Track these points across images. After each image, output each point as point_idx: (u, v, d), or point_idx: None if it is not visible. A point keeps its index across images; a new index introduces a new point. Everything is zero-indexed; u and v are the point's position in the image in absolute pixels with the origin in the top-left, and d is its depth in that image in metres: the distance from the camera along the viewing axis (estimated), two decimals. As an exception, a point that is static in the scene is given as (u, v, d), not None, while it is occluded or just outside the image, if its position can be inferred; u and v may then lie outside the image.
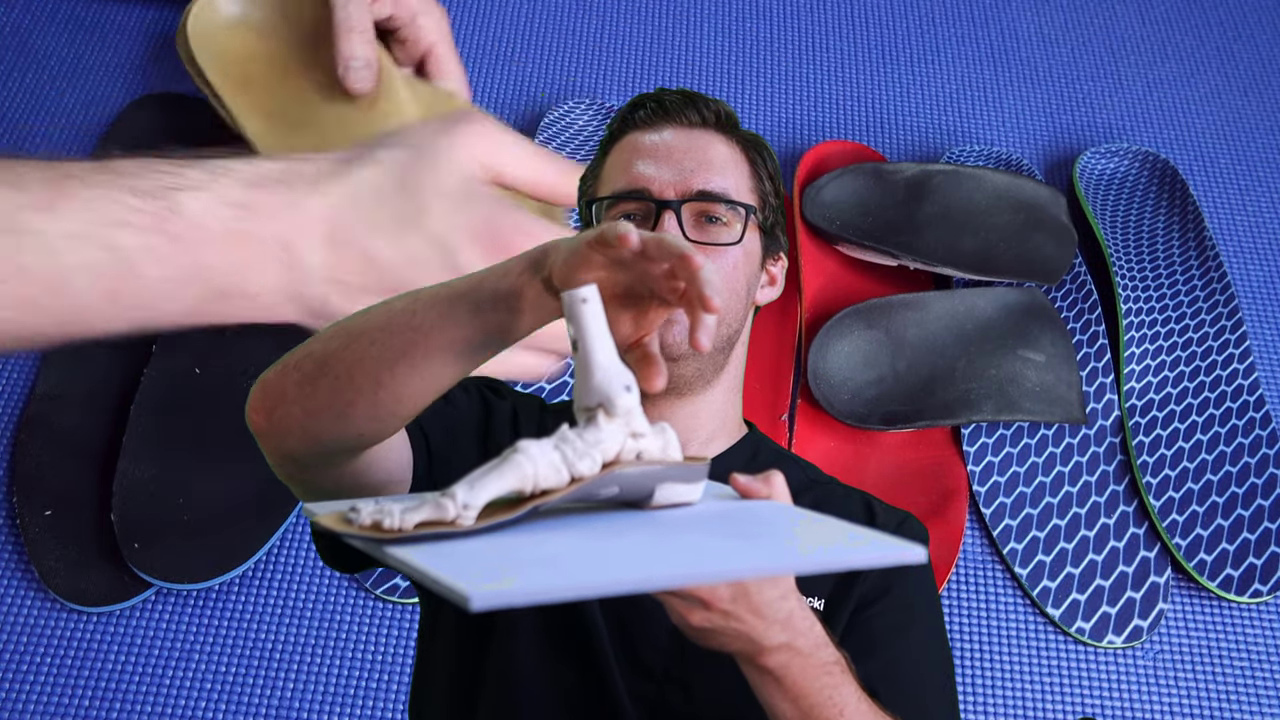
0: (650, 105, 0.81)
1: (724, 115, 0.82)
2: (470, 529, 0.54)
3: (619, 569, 0.50)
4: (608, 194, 0.80)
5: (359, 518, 0.54)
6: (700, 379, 0.79)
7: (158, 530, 1.21)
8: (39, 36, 1.66)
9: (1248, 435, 1.36)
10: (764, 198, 0.82)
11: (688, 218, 0.78)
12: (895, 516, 0.81)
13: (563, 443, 0.56)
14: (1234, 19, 1.84)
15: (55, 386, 1.34)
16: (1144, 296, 1.46)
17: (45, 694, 1.17)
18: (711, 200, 0.78)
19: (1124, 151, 1.61)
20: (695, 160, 0.79)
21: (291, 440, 0.64)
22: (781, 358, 1.41)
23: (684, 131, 0.81)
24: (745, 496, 0.63)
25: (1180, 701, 1.22)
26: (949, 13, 1.81)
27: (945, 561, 1.27)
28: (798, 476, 0.83)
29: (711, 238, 0.78)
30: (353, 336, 0.61)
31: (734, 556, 0.53)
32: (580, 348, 0.58)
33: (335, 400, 0.61)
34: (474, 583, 0.47)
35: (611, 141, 0.83)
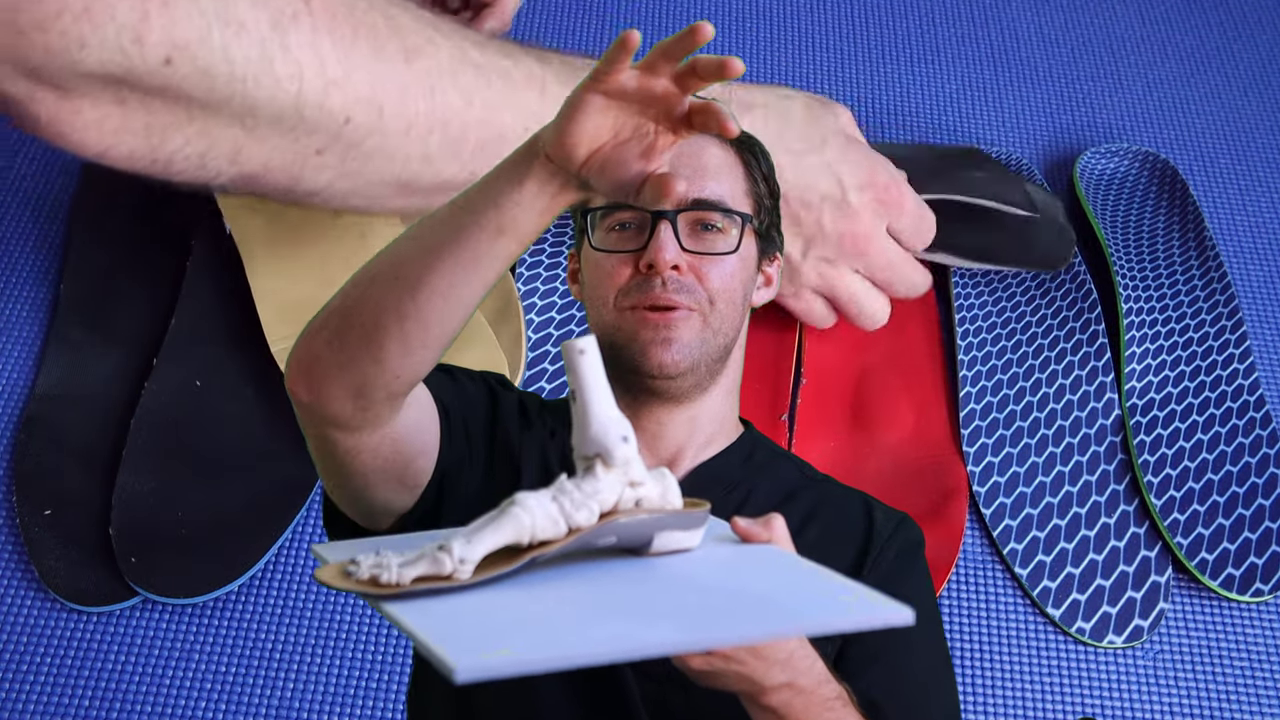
0: None
1: None
2: (466, 583, 0.54)
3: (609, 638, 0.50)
4: (601, 203, 0.79)
5: (358, 571, 0.55)
6: (698, 388, 0.79)
7: (155, 544, 1.21)
8: (39, 37, 1.66)
9: (1248, 435, 1.36)
10: (759, 200, 0.82)
11: (683, 227, 0.77)
12: (893, 518, 0.81)
13: (560, 494, 0.57)
14: (1234, 19, 1.84)
15: (55, 387, 1.34)
16: (1144, 296, 1.46)
17: (45, 694, 1.17)
18: (707, 209, 0.78)
19: (1124, 151, 1.61)
20: (690, 167, 0.78)
21: (334, 402, 0.65)
22: (781, 358, 1.41)
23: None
24: (745, 540, 0.63)
25: (1180, 701, 1.22)
26: (949, 13, 1.81)
27: (945, 561, 1.27)
28: (795, 475, 0.83)
29: (708, 246, 0.78)
30: (370, 281, 0.63)
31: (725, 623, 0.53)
32: (578, 398, 0.59)
33: (368, 346, 0.62)
34: (462, 652, 0.47)
35: None
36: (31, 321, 1.41)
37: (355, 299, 0.64)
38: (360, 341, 0.63)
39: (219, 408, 1.32)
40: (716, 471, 0.80)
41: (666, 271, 0.75)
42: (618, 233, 0.78)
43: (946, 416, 1.39)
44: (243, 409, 1.32)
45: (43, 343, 1.39)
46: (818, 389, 1.39)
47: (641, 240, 0.77)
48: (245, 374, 1.34)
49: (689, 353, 0.76)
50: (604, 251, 0.78)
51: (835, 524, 0.79)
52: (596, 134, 0.59)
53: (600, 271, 0.78)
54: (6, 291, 1.43)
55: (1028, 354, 1.42)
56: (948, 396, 1.40)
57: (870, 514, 0.80)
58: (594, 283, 0.79)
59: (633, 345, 0.76)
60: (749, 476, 0.81)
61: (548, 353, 1.38)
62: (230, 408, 1.32)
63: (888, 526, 0.79)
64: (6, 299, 1.43)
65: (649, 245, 0.76)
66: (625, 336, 0.77)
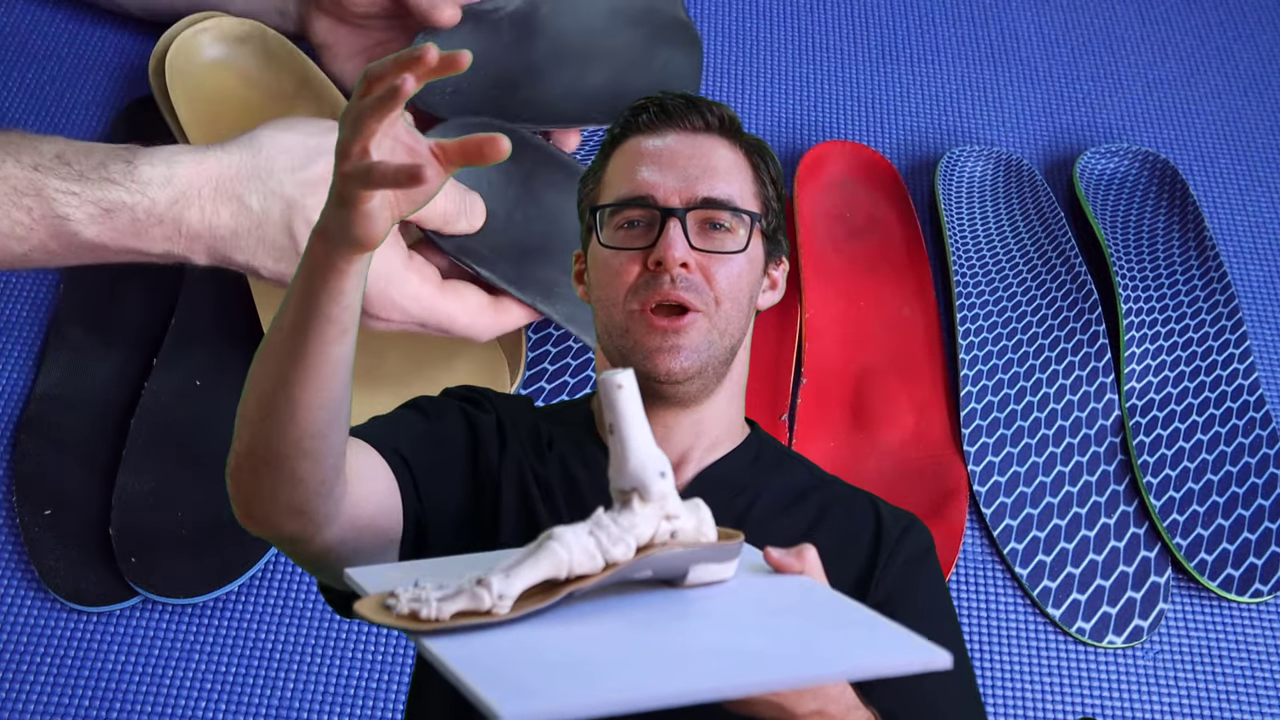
0: (653, 109, 0.81)
1: (727, 120, 0.82)
2: (506, 618, 0.55)
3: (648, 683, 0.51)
4: (611, 200, 0.80)
5: (398, 605, 0.56)
6: (704, 392, 0.79)
7: (155, 545, 1.21)
8: (39, 36, 1.66)
9: (1248, 435, 1.36)
10: (767, 203, 0.82)
11: (692, 225, 0.78)
12: (901, 520, 0.80)
13: (597, 528, 0.58)
14: (1234, 19, 1.84)
15: (55, 387, 1.34)
16: (1144, 296, 1.46)
17: (45, 694, 1.17)
18: (716, 207, 0.78)
19: (1124, 151, 1.61)
20: (699, 166, 0.79)
21: (283, 526, 0.68)
22: (781, 358, 1.41)
23: (687, 136, 0.81)
24: (778, 571, 0.64)
25: (1180, 701, 1.22)
26: (949, 13, 1.81)
27: (945, 561, 1.27)
28: (803, 476, 0.83)
29: (716, 245, 0.78)
30: (251, 424, 0.68)
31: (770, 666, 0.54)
32: (616, 432, 0.60)
33: (281, 475, 0.65)
34: (505, 697, 0.47)
35: (613, 145, 0.83)
36: (31, 321, 1.41)
37: (247, 443, 0.68)
38: (272, 475, 0.66)
39: (219, 408, 1.32)
40: (722, 475, 0.80)
41: (675, 269, 0.76)
42: (626, 230, 0.79)
43: (946, 416, 1.39)
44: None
45: (43, 343, 1.39)
46: (818, 389, 1.39)
47: (650, 237, 0.77)
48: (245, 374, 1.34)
49: (696, 358, 0.76)
50: (612, 249, 0.78)
51: (844, 527, 0.79)
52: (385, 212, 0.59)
53: (608, 269, 0.78)
54: (6, 291, 1.43)
55: (1028, 354, 1.42)
56: (948, 396, 1.40)
57: (879, 516, 0.80)
58: (602, 281, 0.79)
59: (640, 350, 0.76)
60: (756, 479, 0.80)
61: (548, 352, 1.38)
62: (230, 408, 1.30)
63: (896, 528, 0.79)
64: (6, 299, 1.43)
65: (658, 242, 0.76)
66: (633, 340, 0.77)
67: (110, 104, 1.59)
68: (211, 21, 1.44)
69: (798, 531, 0.77)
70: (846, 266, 1.50)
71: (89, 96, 1.59)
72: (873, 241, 1.53)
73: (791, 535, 0.77)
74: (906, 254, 1.51)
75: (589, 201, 0.83)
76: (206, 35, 1.44)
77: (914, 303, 1.47)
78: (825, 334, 1.43)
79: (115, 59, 1.64)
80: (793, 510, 0.79)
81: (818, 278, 1.46)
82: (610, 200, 0.80)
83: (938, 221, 1.55)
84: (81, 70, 1.62)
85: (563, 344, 1.39)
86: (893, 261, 1.51)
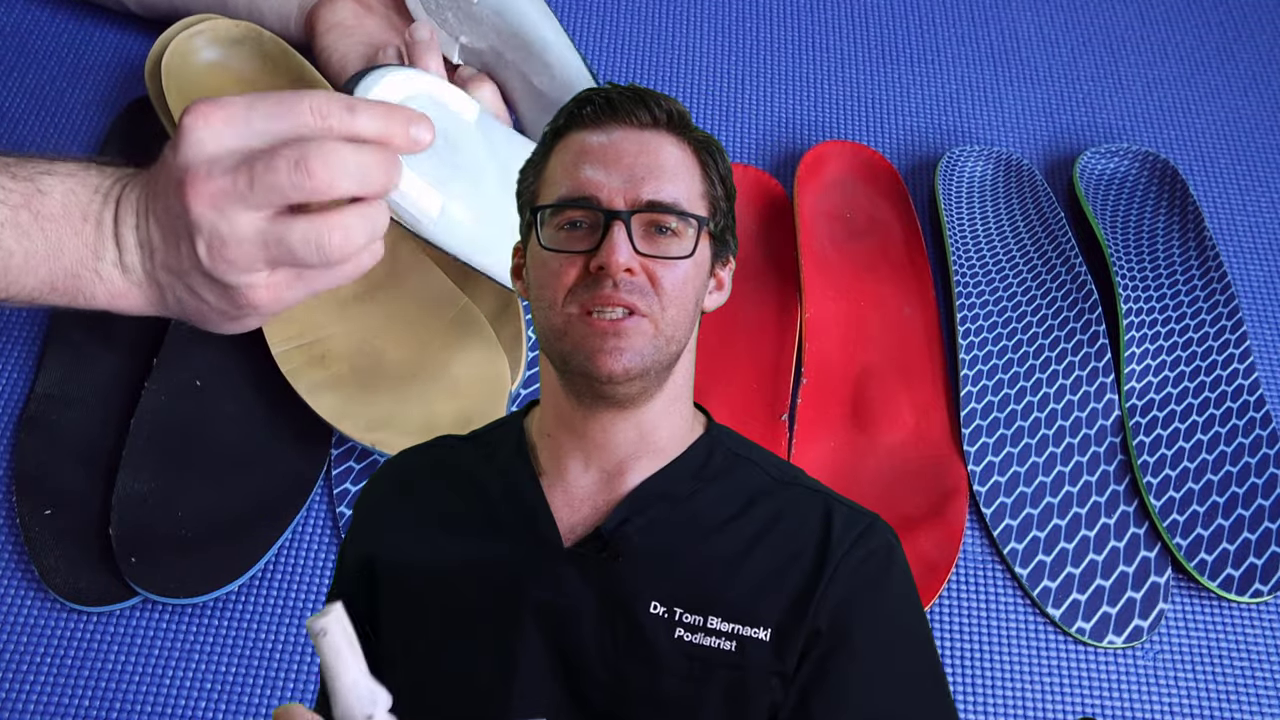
0: (598, 102, 0.78)
1: (676, 115, 0.79)
2: None
3: None
4: (552, 200, 0.77)
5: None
6: (645, 394, 0.77)
7: (155, 544, 1.21)
8: (39, 36, 1.66)
9: (1248, 435, 1.36)
10: (715, 203, 0.79)
11: (637, 229, 0.75)
12: (854, 527, 0.76)
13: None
14: (1234, 19, 1.84)
15: (55, 386, 1.34)
16: (1144, 296, 1.46)
17: (45, 694, 1.17)
18: (663, 211, 0.75)
19: (1124, 151, 1.61)
20: (645, 165, 0.76)
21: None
22: (781, 358, 1.41)
23: (633, 132, 0.77)
24: None
25: (1180, 701, 1.22)
26: (949, 13, 1.81)
27: (945, 561, 1.27)
28: (757, 479, 0.79)
29: (662, 250, 0.75)
30: None
31: None
32: (325, 677, 0.60)
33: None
34: None
35: (555, 138, 0.80)
36: (31, 321, 1.41)
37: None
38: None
39: (219, 408, 1.32)
40: (661, 488, 0.77)
41: (619, 275, 0.73)
42: (567, 232, 0.76)
43: (946, 416, 1.39)
44: (243, 409, 1.32)
45: (43, 343, 1.39)
46: (818, 389, 1.39)
47: (593, 240, 0.74)
48: (245, 374, 1.34)
49: (639, 360, 0.74)
50: (553, 251, 0.75)
51: (787, 540, 0.75)
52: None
53: (547, 271, 0.76)
54: (6, 291, 1.43)
55: (1028, 354, 1.42)
56: (948, 396, 1.40)
57: (829, 524, 0.76)
58: (540, 282, 0.77)
59: (580, 352, 0.74)
60: (699, 489, 0.78)
61: (548, 353, 1.38)
62: (230, 408, 1.32)
63: (847, 537, 0.75)
64: (6, 299, 1.43)
65: (601, 246, 0.73)
66: (572, 342, 0.74)
67: (110, 104, 1.59)
68: (207, 24, 1.44)
69: (735, 549, 0.75)
70: (846, 266, 1.50)
71: (89, 96, 1.59)
72: (873, 241, 1.53)
73: (728, 553, 0.75)
74: (906, 254, 1.52)
75: (529, 198, 0.80)
76: (202, 38, 1.44)
77: (914, 303, 1.47)
78: (825, 334, 1.43)
79: (115, 59, 1.64)
80: (735, 523, 0.76)
81: (818, 277, 1.46)
82: (552, 200, 0.77)
83: (938, 221, 1.55)
84: (81, 70, 1.62)
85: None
86: (893, 261, 1.51)
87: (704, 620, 0.73)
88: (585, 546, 0.76)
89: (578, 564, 0.75)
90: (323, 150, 0.72)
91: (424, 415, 1.27)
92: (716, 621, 0.73)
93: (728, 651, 0.72)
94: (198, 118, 0.71)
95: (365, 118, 0.75)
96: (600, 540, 0.75)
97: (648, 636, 0.73)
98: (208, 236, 0.72)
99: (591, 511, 0.78)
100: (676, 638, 0.72)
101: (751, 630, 0.73)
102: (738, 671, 0.72)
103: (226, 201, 0.71)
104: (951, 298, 1.47)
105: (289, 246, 0.73)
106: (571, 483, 0.79)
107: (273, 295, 0.77)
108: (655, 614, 0.73)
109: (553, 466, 0.80)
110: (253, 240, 0.73)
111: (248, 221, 0.72)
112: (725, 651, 0.72)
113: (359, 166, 0.74)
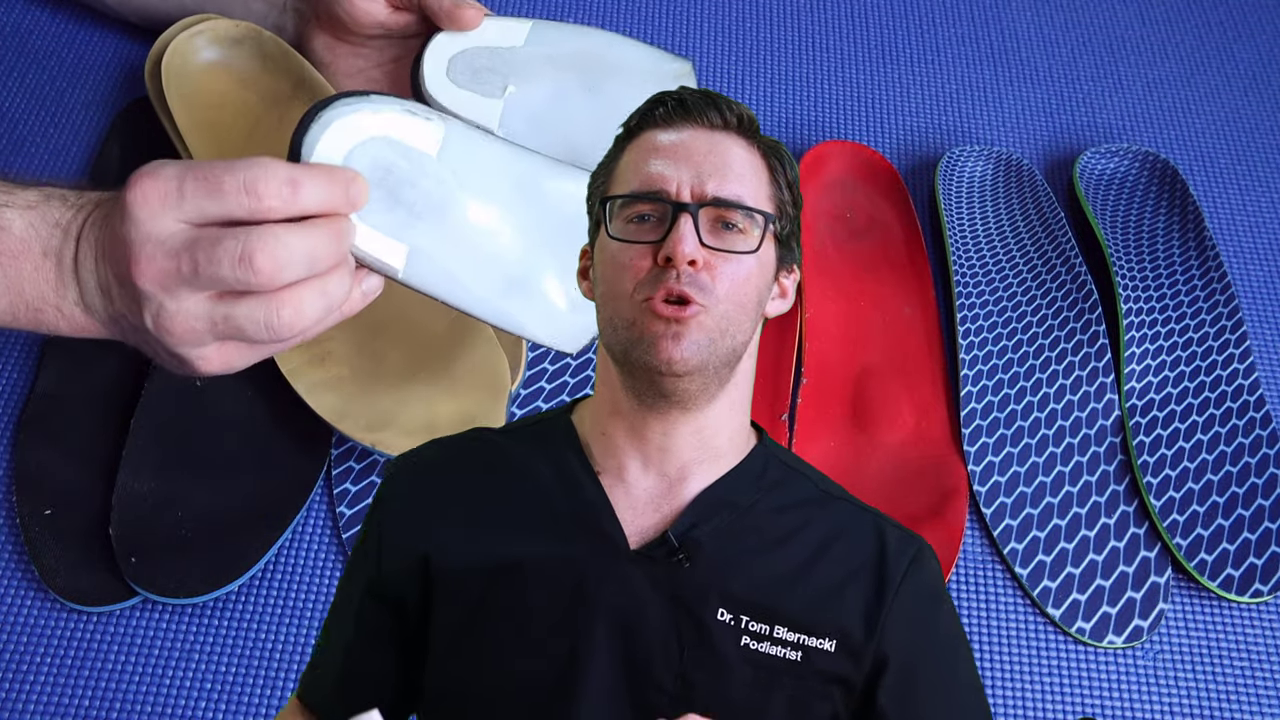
0: (671, 103, 0.79)
1: (746, 119, 0.80)
2: None
3: None
4: (623, 192, 0.77)
5: None
6: (705, 393, 0.76)
7: (155, 544, 1.21)
8: (39, 36, 1.66)
9: (1248, 435, 1.36)
10: (781, 206, 0.80)
11: (704, 223, 0.75)
12: (908, 550, 0.79)
13: None
14: (1234, 19, 1.84)
15: (55, 386, 1.34)
16: (1144, 296, 1.46)
17: (45, 694, 1.17)
18: (729, 206, 0.76)
19: (1124, 151, 1.61)
20: (714, 164, 0.77)
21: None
22: (781, 358, 1.41)
23: (704, 133, 0.78)
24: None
25: (1180, 701, 1.22)
26: (949, 13, 1.81)
27: (945, 561, 1.27)
28: (810, 491, 0.81)
29: (728, 245, 0.76)
30: None
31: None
32: None
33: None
34: None
35: (628, 139, 0.81)
36: (31, 321, 1.41)
37: None
38: None
39: (219, 408, 1.32)
40: (724, 496, 0.78)
41: (684, 265, 0.73)
42: (636, 225, 0.76)
43: (946, 416, 1.39)
44: (243, 409, 1.32)
45: (43, 343, 1.39)
46: (818, 389, 1.39)
47: (661, 232, 0.75)
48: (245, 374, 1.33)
49: (698, 350, 0.74)
50: (622, 242, 0.76)
51: (846, 556, 0.77)
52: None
53: (617, 263, 0.76)
54: (6, 291, 1.43)
55: (1028, 354, 1.42)
56: (948, 396, 1.40)
57: (883, 544, 0.78)
58: (610, 275, 0.77)
59: (644, 340, 0.74)
60: (759, 500, 0.79)
61: (548, 352, 1.38)
62: (230, 408, 1.32)
63: (903, 560, 0.78)
64: (6, 299, 1.43)
65: (668, 237, 0.74)
66: (638, 331, 0.74)
67: (110, 104, 1.59)
68: (207, 25, 1.44)
69: (797, 562, 0.76)
70: (847, 266, 1.50)
71: (89, 97, 1.59)
72: (873, 241, 1.53)
73: (791, 564, 0.76)
74: (906, 254, 1.52)
75: (599, 194, 0.81)
76: (202, 38, 1.44)
77: (914, 303, 1.47)
78: (825, 334, 1.43)
79: (115, 60, 1.64)
80: (796, 536, 0.78)
81: (818, 277, 1.47)
82: (621, 192, 0.78)
83: (938, 221, 1.55)
84: (81, 71, 1.62)
85: (563, 344, 1.39)
86: (893, 261, 1.51)
87: (770, 629, 0.73)
88: (653, 550, 0.75)
89: (645, 567, 0.75)
90: (265, 242, 0.68)
91: (424, 415, 1.27)
92: (782, 631, 0.73)
93: (793, 661, 0.73)
94: (136, 194, 0.68)
95: (308, 191, 0.70)
96: (668, 544, 0.75)
97: (715, 643, 0.73)
98: (154, 310, 0.70)
99: (655, 514, 0.77)
100: (743, 645, 0.73)
101: (816, 641, 0.74)
102: (802, 681, 0.73)
103: (171, 282, 0.69)
104: (951, 298, 1.47)
105: (236, 325, 0.71)
106: (632, 484, 0.78)
107: (224, 362, 0.75)
108: (722, 621, 0.73)
109: (611, 466, 0.79)
110: (199, 318, 0.71)
111: (194, 302, 0.70)
112: (791, 661, 0.73)
113: (305, 253, 0.70)
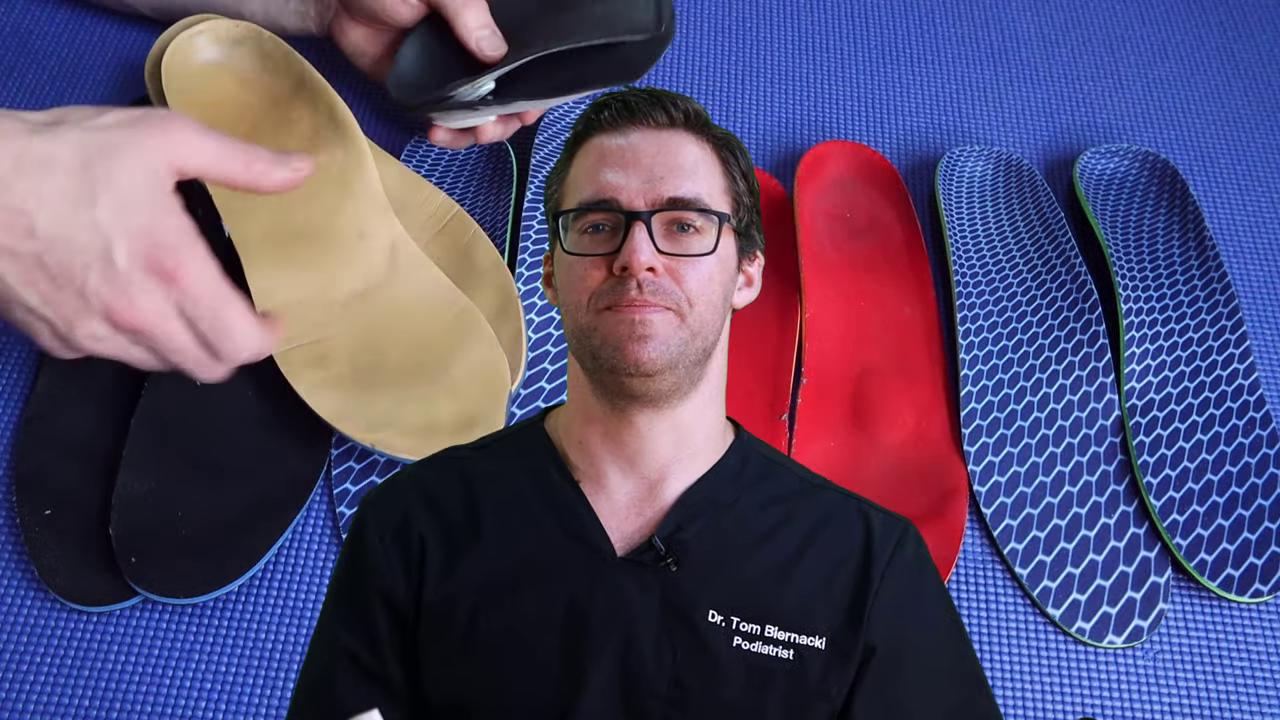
0: (615, 106, 0.78)
1: (693, 114, 0.79)
2: None
3: None
4: (574, 205, 0.77)
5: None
6: (677, 392, 0.76)
7: (155, 544, 1.21)
8: (39, 36, 1.66)
9: (1248, 435, 1.36)
10: (737, 198, 0.79)
11: (659, 227, 0.75)
12: (892, 534, 0.79)
13: None
14: (1234, 19, 1.84)
15: (55, 386, 1.34)
16: (1144, 296, 1.46)
17: (45, 694, 1.17)
18: (683, 208, 0.75)
19: (1124, 151, 1.61)
20: (665, 164, 0.76)
21: None
22: (781, 358, 1.41)
23: (652, 133, 0.77)
24: None
25: (1180, 701, 1.22)
26: (949, 13, 1.81)
27: (945, 561, 1.27)
28: (792, 484, 0.80)
29: (684, 248, 0.75)
30: None
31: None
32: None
33: None
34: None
35: (576, 145, 0.80)
36: (31, 321, 1.41)
37: None
38: None
39: (219, 408, 1.32)
40: (706, 493, 0.78)
41: (641, 274, 0.73)
42: (590, 235, 0.76)
43: (946, 416, 1.39)
44: (243, 409, 1.32)
45: (43, 343, 1.39)
46: (818, 389, 1.39)
47: (615, 242, 0.75)
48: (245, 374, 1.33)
49: (666, 349, 0.73)
50: (576, 255, 0.76)
51: (833, 546, 0.77)
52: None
53: (573, 275, 0.76)
54: (6, 291, 1.43)
55: (1028, 354, 1.42)
56: (948, 396, 1.40)
57: (869, 530, 0.78)
58: (567, 287, 0.77)
59: (609, 344, 0.74)
60: (741, 496, 0.79)
61: (548, 352, 1.38)
62: (230, 408, 1.32)
63: (888, 545, 0.78)
64: (6, 299, 1.43)
65: (623, 247, 0.73)
66: (601, 337, 0.74)
67: (110, 104, 1.59)
68: (207, 24, 1.43)
69: (784, 557, 0.76)
70: (846, 266, 1.50)
71: (89, 96, 1.59)
72: (873, 241, 1.53)
73: (778, 560, 0.76)
74: (906, 254, 1.52)
75: (553, 205, 0.80)
76: (202, 38, 1.43)
77: (914, 303, 1.47)
78: (825, 334, 1.43)
79: (116, 59, 1.64)
80: (781, 531, 0.77)
81: (818, 277, 1.46)
82: (573, 205, 0.77)
83: (938, 221, 1.55)
84: (81, 70, 1.62)
85: (563, 344, 1.39)
86: (893, 261, 1.51)
87: (761, 629, 0.73)
88: (641, 555, 0.75)
89: (633, 574, 0.75)
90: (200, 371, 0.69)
91: (424, 415, 1.26)
92: (774, 630, 0.73)
93: (786, 660, 0.73)
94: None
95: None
96: (654, 549, 0.75)
97: (708, 645, 0.73)
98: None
99: (638, 519, 0.77)
100: (735, 646, 0.73)
101: (808, 639, 0.73)
102: (796, 680, 0.73)
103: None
104: (951, 298, 1.47)
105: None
106: (613, 490, 0.78)
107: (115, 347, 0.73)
108: (714, 623, 0.73)
109: (590, 473, 0.79)
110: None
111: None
112: (784, 660, 0.73)
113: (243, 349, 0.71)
